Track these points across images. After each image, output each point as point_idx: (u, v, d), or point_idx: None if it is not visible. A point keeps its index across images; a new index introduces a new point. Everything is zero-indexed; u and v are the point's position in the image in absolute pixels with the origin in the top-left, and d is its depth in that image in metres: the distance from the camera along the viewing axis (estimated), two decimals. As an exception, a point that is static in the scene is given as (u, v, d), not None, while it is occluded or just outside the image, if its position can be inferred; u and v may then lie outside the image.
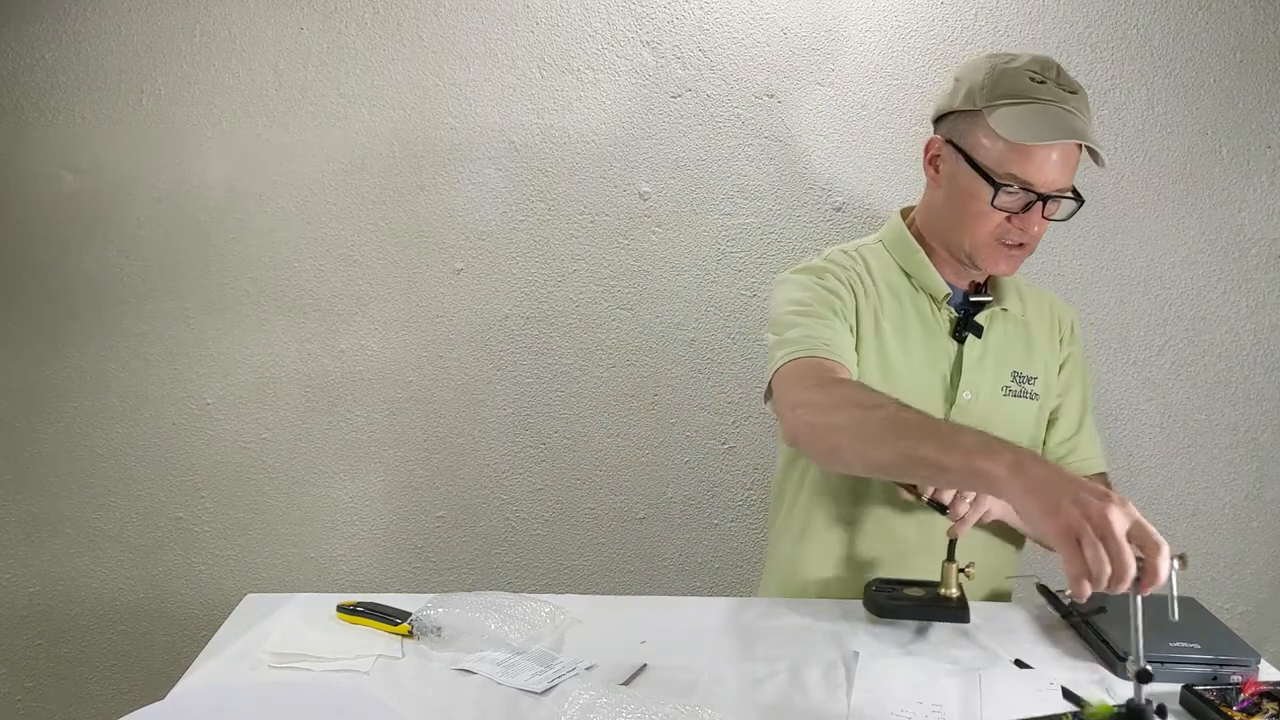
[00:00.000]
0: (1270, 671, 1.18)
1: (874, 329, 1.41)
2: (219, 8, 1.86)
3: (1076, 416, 1.51)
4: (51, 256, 1.95)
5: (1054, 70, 1.33)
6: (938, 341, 1.43)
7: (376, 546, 2.07)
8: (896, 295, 1.44)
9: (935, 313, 1.43)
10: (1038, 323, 1.49)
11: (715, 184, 1.91)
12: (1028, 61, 1.33)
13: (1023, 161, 1.30)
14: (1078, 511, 0.96)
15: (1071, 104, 1.31)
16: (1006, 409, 1.44)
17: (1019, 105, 1.31)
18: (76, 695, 2.13)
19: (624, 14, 1.86)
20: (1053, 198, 1.32)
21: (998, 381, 1.43)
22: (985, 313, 1.43)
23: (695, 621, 1.31)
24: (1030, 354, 1.46)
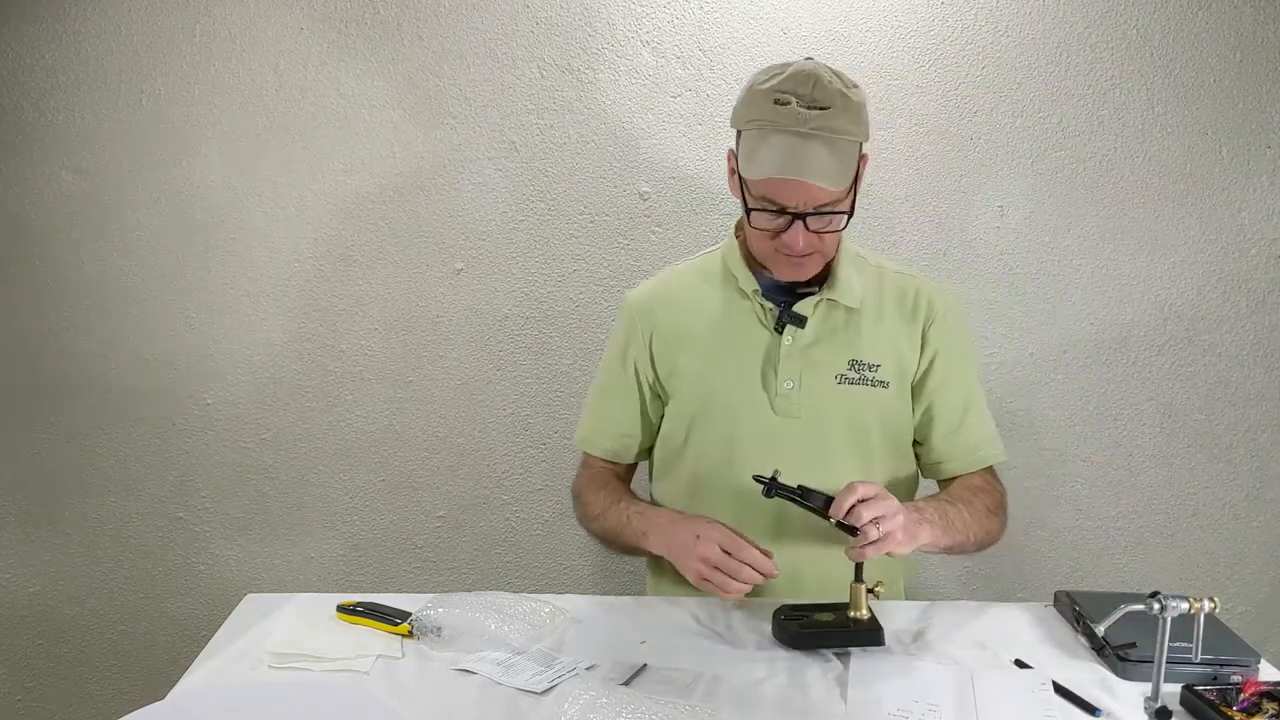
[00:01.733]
0: (1270, 671, 1.18)
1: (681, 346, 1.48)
2: (219, 8, 1.86)
3: (958, 412, 1.47)
4: (51, 256, 1.95)
5: (808, 86, 1.28)
6: (754, 335, 1.45)
7: (376, 546, 2.07)
8: (713, 299, 1.48)
9: (755, 309, 1.44)
10: (890, 310, 1.46)
11: (715, 184, 1.91)
12: (782, 80, 1.30)
13: (766, 187, 1.31)
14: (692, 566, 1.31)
15: (815, 124, 1.27)
16: (844, 397, 1.43)
17: (756, 132, 1.31)
18: (76, 695, 2.13)
19: (624, 14, 1.86)
20: (814, 214, 1.30)
21: (831, 370, 1.43)
22: (808, 302, 1.42)
23: (695, 621, 1.31)
24: (873, 342, 1.44)
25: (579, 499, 1.59)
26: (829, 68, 1.33)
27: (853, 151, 1.31)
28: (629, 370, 1.53)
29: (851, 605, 1.24)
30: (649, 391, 1.53)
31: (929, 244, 1.92)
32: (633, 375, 1.53)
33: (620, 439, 1.56)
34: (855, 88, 1.33)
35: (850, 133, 1.29)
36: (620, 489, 1.56)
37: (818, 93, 1.28)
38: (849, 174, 1.30)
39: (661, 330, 1.50)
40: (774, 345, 1.43)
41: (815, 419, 1.43)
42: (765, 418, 1.43)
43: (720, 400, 1.45)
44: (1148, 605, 1.11)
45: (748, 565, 1.27)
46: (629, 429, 1.56)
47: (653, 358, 1.51)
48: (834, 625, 1.24)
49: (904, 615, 1.33)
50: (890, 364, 1.44)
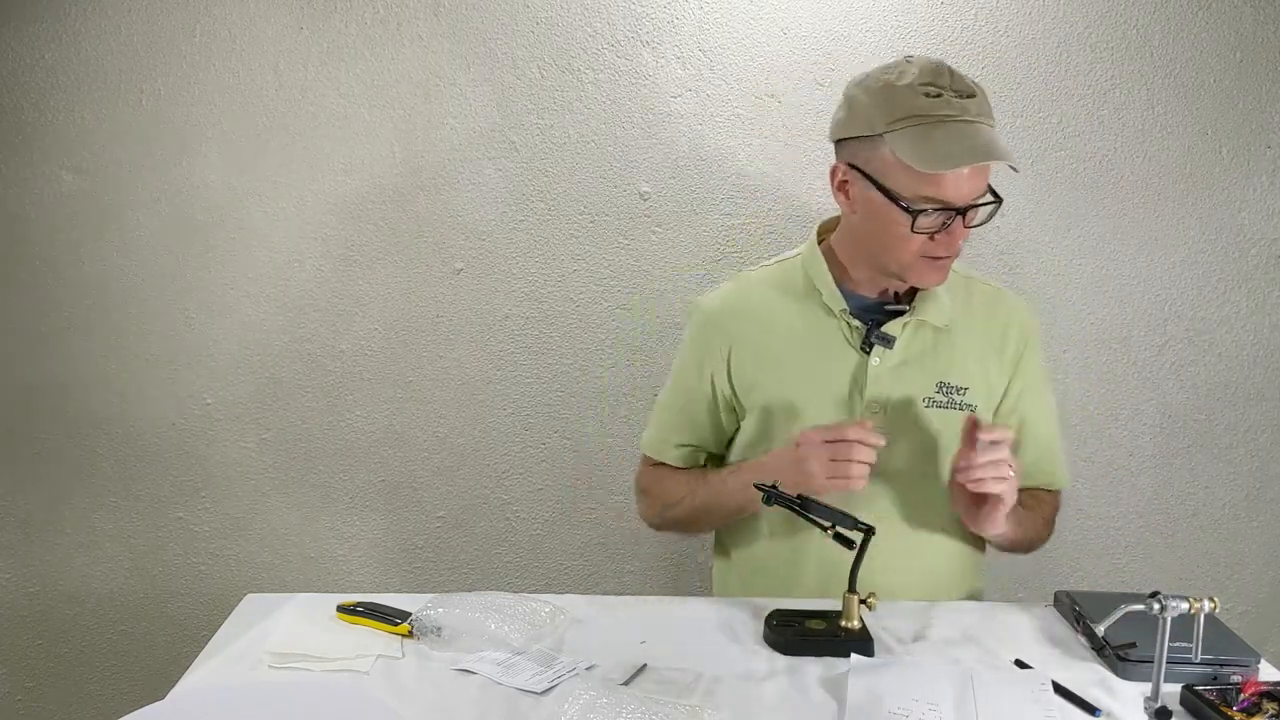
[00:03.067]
0: (1270, 671, 1.18)
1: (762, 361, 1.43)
2: (219, 8, 1.86)
3: (1035, 440, 1.46)
4: (51, 256, 1.95)
5: (946, 76, 1.26)
6: (840, 355, 1.40)
7: (376, 546, 2.07)
8: (796, 314, 1.43)
9: (841, 327, 1.40)
10: (981, 334, 1.43)
11: (715, 184, 1.91)
12: (918, 74, 1.26)
13: (935, 184, 1.26)
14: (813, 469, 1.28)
15: (973, 111, 1.25)
16: (930, 420, 1.40)
17: (918, 127, 1.25)
18: (76, 695, 2.13)
19: (624, 14, 1.86)
20: (972, 207, 1.28)
21: (919, 392, 1.39)
22: (898, 322, 1.38)
23: (695, 621, 1.31)
24: (962, 364, 1.40)
25: (648, 493, 1.55)
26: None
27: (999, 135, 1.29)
28: (704, 382, 1.48)
29: (844, 615, 1.24)
30: (724, 404, 1.48)
31: (929, 244, 1.92)
32: (709, 387, 1.48)
33: (692, 450, 1.52)
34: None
35: (992, 116, 1.28)
36: (698, 469, 1.53)
37: (957, 82, 1.26)
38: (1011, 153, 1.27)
39: (741, 344, 1.44)
40: (861, 366, 1.39)
41: (898, 443, 1.38)
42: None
43: (803, 421, 1.40)
44: (1148, 605, 1.11)
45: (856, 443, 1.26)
46: (701, 439, 1.52)
47: (730, 372, 1.45)
48: (825, 634, 1.24)
49: (904, 615, 1.33)
50: (978, 387, 1.41)
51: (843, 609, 1.24)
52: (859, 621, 1.24)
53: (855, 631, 1.23)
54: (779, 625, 1.26)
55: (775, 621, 1.26)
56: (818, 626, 1.25)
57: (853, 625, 1.23)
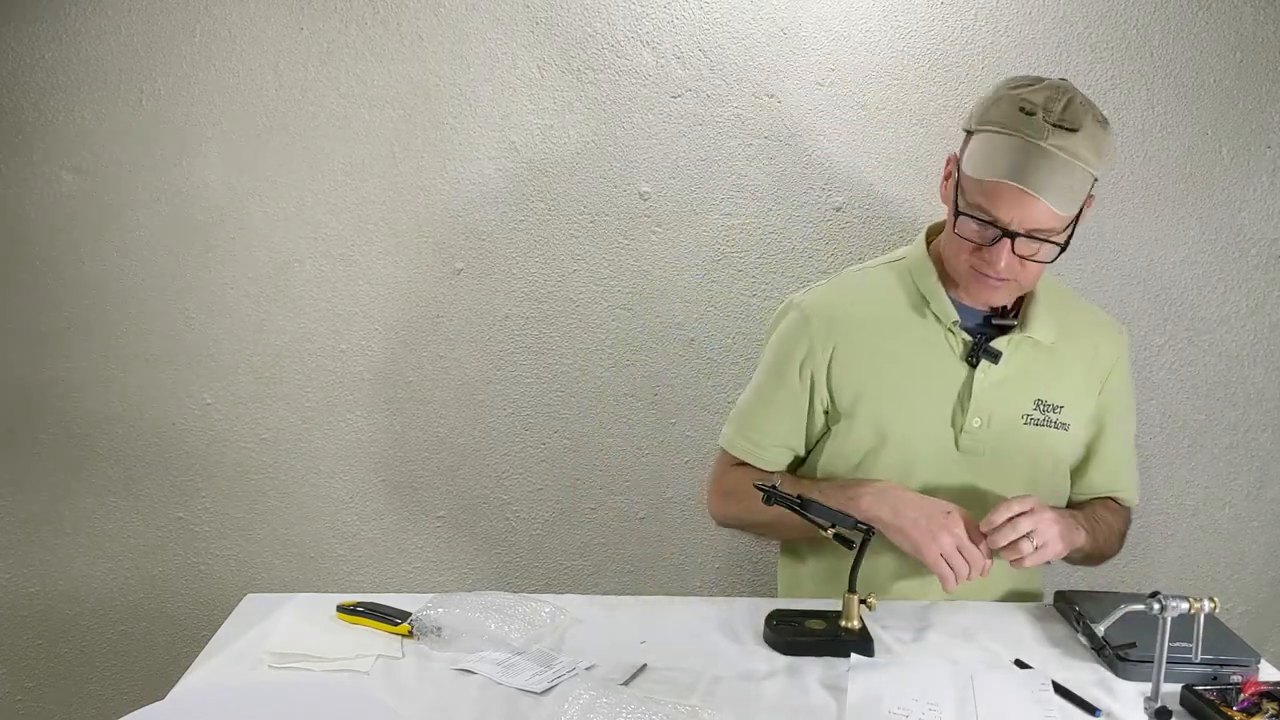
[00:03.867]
0: (1270, 671, 1.18)
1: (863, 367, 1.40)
2: (219, 8, 1.86)
3: (1113, 460, 1.48)
4: (51, 256, 1.95)
5: (1060, 103, 1.24)
6: (946, 366, 1.39)
7: (376, 546, 2.07)
8: (903, 320, 1.41)
9: (948, 337, 1.39)
10: (1075, 354, 1.42)
11: (715, 184, 1.91)
12: (1033, 91, 1.25)
13: (986, 194, 1.26)
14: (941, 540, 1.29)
15: (1055, 141, 1.22)
16: (1028, 437, 1.40)
17: (993, 135, 1.26)
18: (76, 695, 2.13)
19: (624, 14, 1.86)
20: (1025, 237, 1.26)
21: (1018, 409, 1.39)
22: (1006, 338, 1.38)
23: (695, 621, 1.31)
24: (1060, 383, 1.41)
25: (732, 495, 1.49)
26: (1085, 96, 1.28)
27: (1085, 183, 1.26)
28: (804, 381, 1.43)
29: (844, 615, 1.24)
30: (820, 406, 1.44)
31: (929, 244, 1.92)
32: (807, 387, 1.44)
33: (781, 450, 1.48)
34: (1106, 123, 1.28)
35: (1089, 162, 1.24)
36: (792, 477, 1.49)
37: (1068, 113, 1.23)
38: (1076, 204, 1.25)
39: (846, 347, 1.41)
40: (967, 380, 1.38)
41: (996, 459, 1.39)
42: (947, 453, 1.39)
43: (902, 430, 1.39)
44: (1148, 605, 1.11)
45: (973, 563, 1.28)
46: (792, 441, 1.48)
47: (831, 374, 1.42)
48: (825, 634, 1.24)
49: (904, 615, 1.33)
50: (1072, 407, 1.41)
51: (843, 609, 1.24)
52: (859, 621, 1.24)
53: (855, 631, 1.23)
54: (779, 625, 1.26)
55: (775, 621, 1.26)
56: (817, 626, 1.25)
57: (853, 625, 1.23)
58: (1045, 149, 1.22)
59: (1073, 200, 1.25)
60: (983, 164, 1.25)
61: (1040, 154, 1.22)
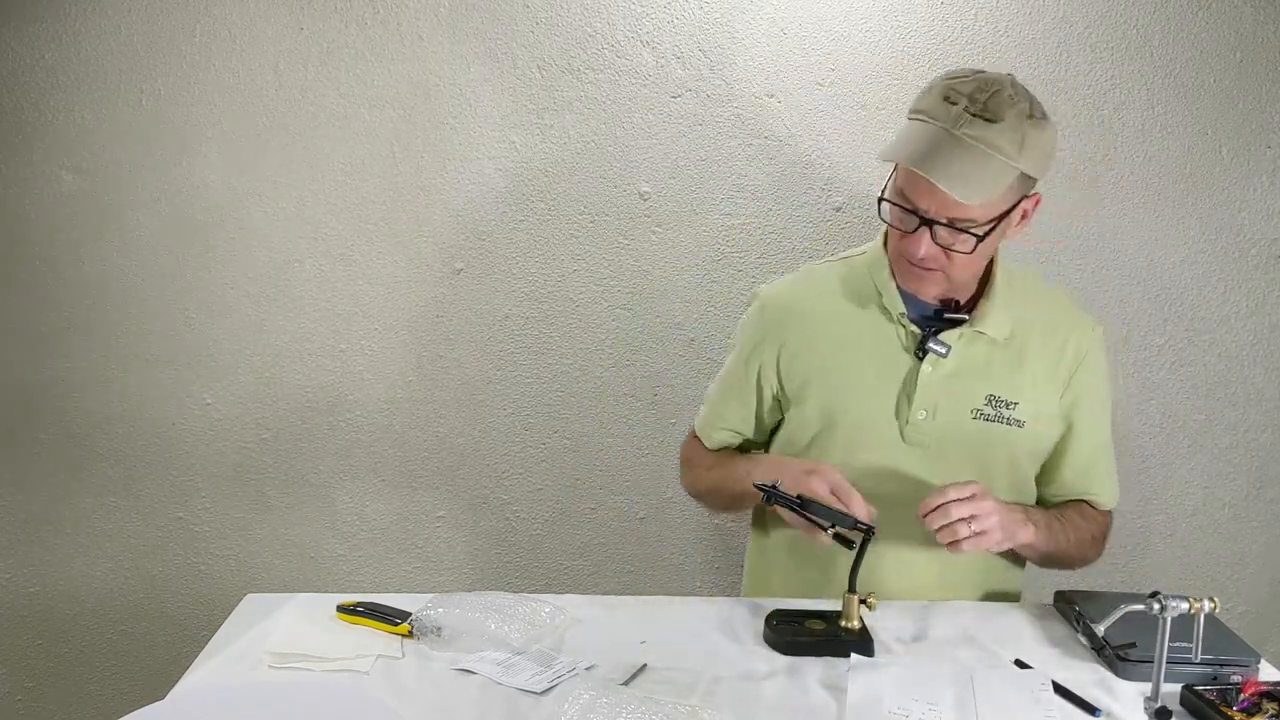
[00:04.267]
0: (1270, 671, 1.18)
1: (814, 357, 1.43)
2: (219, 8, 1.86)
3: (1086, 457, 1.46)
4: (51, 256, 1.95)
5: (987, 94, 1.23)
6: (894, 358, 1.40)
7: (376, 546, 2.07)
8: (855, 312, 1.42)
9: (897, 329, 1.40)
10: (1039, 350, 1.40)
11: (715, 184, 1.91)
12: (963, 81, 1.25)
13: (903, 180, 1.27)
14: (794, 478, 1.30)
15: (969, 130, 1.21)
16: (976, 432, 1.38)
17: (913, 122, 1.27)
18: (76, 695, 2.13)
19: (624, 14, 1.86)
20: (945, 226, 1.25)
21: (967, 404, 1.38)
22: (954, 332, 1.37)
23: (695, 621, 1.31)
24: (1016, 379, 1.39)
25: (687, 463, 1.60)
26: (1025, 90, 1.27)
27: (1003, 174, 1.23)
28: (752, 376, 1.48)
29: (844, 615, 1.24)
30: (769, 397, 1.48)
31: (929, 244, 1.92)
32: (754, 378, 1.48)
33: (731, 434, 1.55)
34: (1043, 119, 1.26)
35: (1008, 154, 1.22)
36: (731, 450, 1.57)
37: (991, 104, 1.22)
38: (986, 192, 1.22)
39: (795, 339, 1.44)
40: (913, 372, 1.38)
41: (942, 451, 1.39)
42: (893, 444, 1.39)
43: (849, 420, 1.41)
44: (1148, 605, 1.11)
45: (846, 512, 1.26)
46: (741, 428, 1.53)
47: (780, 368, 1.45)
48: (825, 634, 1.24)
49: (904, 615, 1.33)
50: (1029, 404, 1.39)
51: (843, 609, 1.24)
52: (859, 621, 1.24)
53: (855, 631, 1.23)
54: (779, 625, 1.26)
55: (775, 621, 1.26)
56: (817, 627, 1.25)
57: (852, 625, 1.23)
58: (956, 137, 1.22)
59: (981, 190, 1.22)
60: (895, 149, 1.26)
61: (950, 142, 1.22)
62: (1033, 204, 1.32)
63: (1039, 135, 1.25)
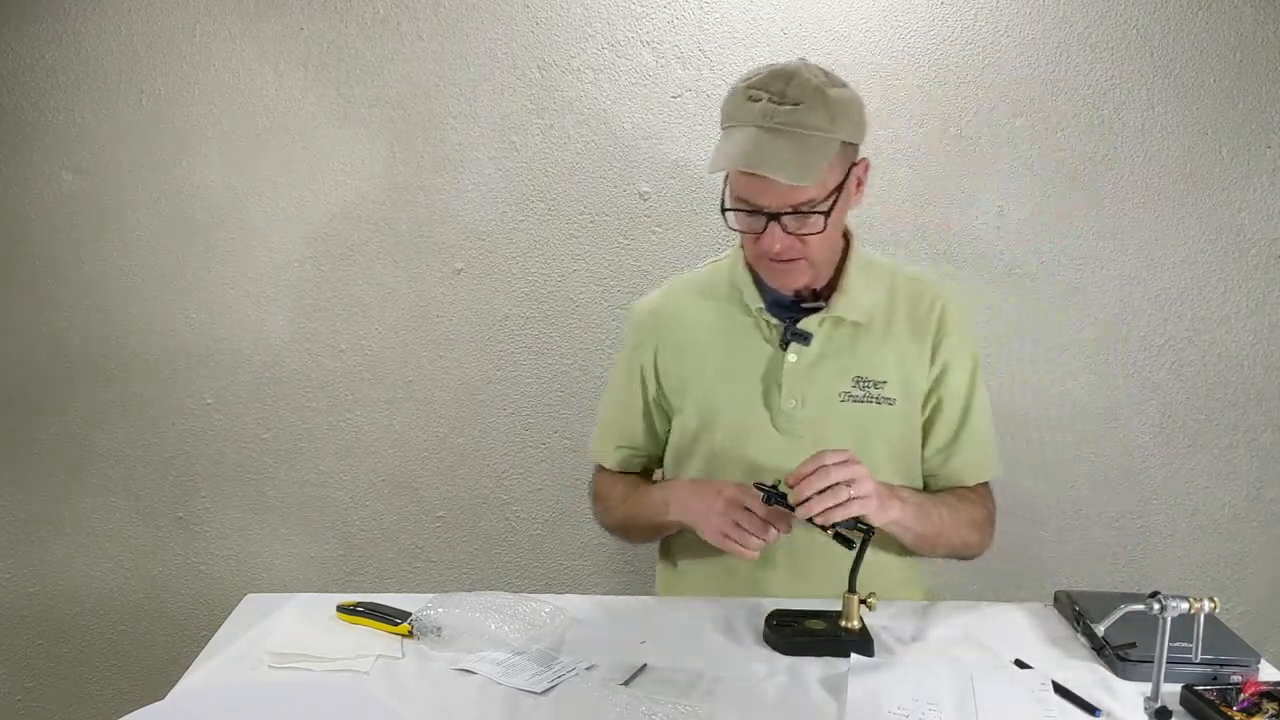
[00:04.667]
0: (1270, 671, 1.18)
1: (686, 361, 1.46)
2: (219, 8, 1.86)
3: (955, 427, 1.45)
4: (51, 256, 1.95)
5: (782, 81, 1.26)
6: (759, 352, 1.42)
7: (376, 546, 2.07)
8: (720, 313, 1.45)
9: (759, 324, 1.42)
10: (903, 326, 1.42)
11: (715, 184, 1.90)
12: (760, 78, 1.28)
13: (736, 184, 1.29)
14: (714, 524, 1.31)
15: (780, 119, 1.24)
16: (847, 415, 1.39)
17: (727, 129, 1.30)
18: (76, 695, 2.13)
19: (624, 14, 1.86)
20: (790, 214, 1.27)
21: (835, 388, 1.39)
22: (813, 319, 1.39)
23: (695, 621, 1.31)
24: (881, 358, 1.40)
25: (598, 498, 1.58)
26: (818, 67, 1.30)
27: (825, 149, 1.26)
28: (635, 383, 1.51)
29: (843, 615, 1.24)
30: (655, 406, 1.51)
31: (930, 244, 1.92)
32: (639, 388, 1.51)
33: (629, 452, 1.55)
34: (843, 87, 1.29)
35: (823, 129, 1.25)
36: (638, 478, 1.56)
37: (791, 89, 1.25)
38: (816, 170, 1.25)
39: (667, 344, 1.48)
40: (777, 363, 1.40)
41: (819, 439, 1.38)
42: (768, 436, 1.41)
43: (724, 418, 1.43)
44: (1148, 605, 1.11)
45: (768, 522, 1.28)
46: (636, 441, 1.54)
47: (658, 372, 1.49)
48: (825, 634, 1.24)
49: (904, 615, 1.33)
50: (897, 380, 1.41)
51: (842, 609, 1.24)
52: (859, 621, 1.24)
53: (855, 631, 1.23)
54: (779, 625, 1.26)
55: (775, 622, 1.26)
56: (817, 626, 1.25)
57: (852, 625, 1.23)
58: (772, 129, 1.24)
59: (809, 169, 1.24)
60: (719, 159, 1.28)
61: (768, 135, 1.24)
62: (863, 169, 1.34)
63: (845, 103, 1.28)
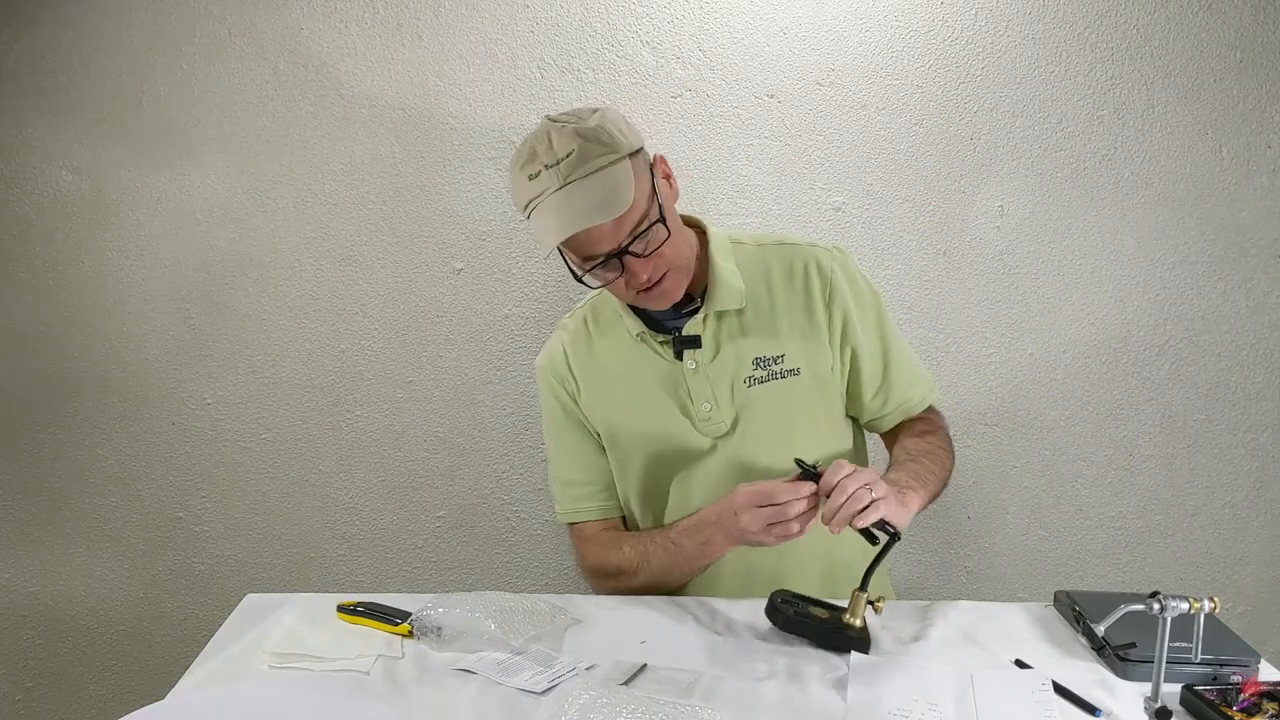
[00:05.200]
0: (1270, 671, 1.18)
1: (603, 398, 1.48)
2: (219, 8, 1.86)
3: (880, 367, 1.47)
4: (51, 256, 1.95)
5: (544, 144, 1.28)
6: (660, 370, 1.44)
7: (376, 546, 2.07)
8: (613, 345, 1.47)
9: (650, 344, 1.44)
10: (784, 296, 1.43)
11: (715, 184, 1.91)
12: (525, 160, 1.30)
13: (575, 248, 1.30)
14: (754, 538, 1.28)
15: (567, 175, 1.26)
16: (759, 397, 1.41)
17: (533, 213, 1.31)
18: (76, 695, 2.13)
19: (624, 14, 1.86)
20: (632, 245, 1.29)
21: (737, 376, 1.41)
22: (695, 320, 1.41)
23: (695, 621, 1.31)
24: (772, 334, 1.42)
25: (597, 572, 1.53)
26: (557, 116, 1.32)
27: (622, 171, 1.28)
28: (577, 427, 1.52)
29: (849, 610, 1.24)
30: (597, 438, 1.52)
31: (930, 244, 1.92)
32: (580, 427, 1.52)
33: (603, 493, 1.55)
34: (593, 113, 1.31)
35: (603, 159, 1.27)
36: (637, 534, 1.52)
37: (556, 146, 1.27)
38: (625, 194, 1.26)
39: (582, 388, 1.50)
40: (679, 373, 1.43)
41: (743, 430, 1.42)
42: (697, 445, 1.43)
43: (651, 441, 1.46)
44: (1148, 605, 1.11)
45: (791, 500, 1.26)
46: (605, 478, 1.54)
47: (583, 410, 1.51)
48: (826, 624, 1.24)
49: (904, 615, 1.33)
50: (795, 349, 1.42)
51: (849, 605, 1.24)
52: (862, 620, 1.24)
53: (856, 629, 1.23)
54: (782, 603, 1.26)
55: (780, 599, 1.27)
56: (820, 614, 1.26)
57: (855, 622, 1.23)
58: (568, 188, 1.26)
59: (618, 198, 1.26)
60: (545, 238, 1.29)
61: (567, 193, 1.26)
62: (660, 163, 1.37)
63: (602, 126, 1.30)
